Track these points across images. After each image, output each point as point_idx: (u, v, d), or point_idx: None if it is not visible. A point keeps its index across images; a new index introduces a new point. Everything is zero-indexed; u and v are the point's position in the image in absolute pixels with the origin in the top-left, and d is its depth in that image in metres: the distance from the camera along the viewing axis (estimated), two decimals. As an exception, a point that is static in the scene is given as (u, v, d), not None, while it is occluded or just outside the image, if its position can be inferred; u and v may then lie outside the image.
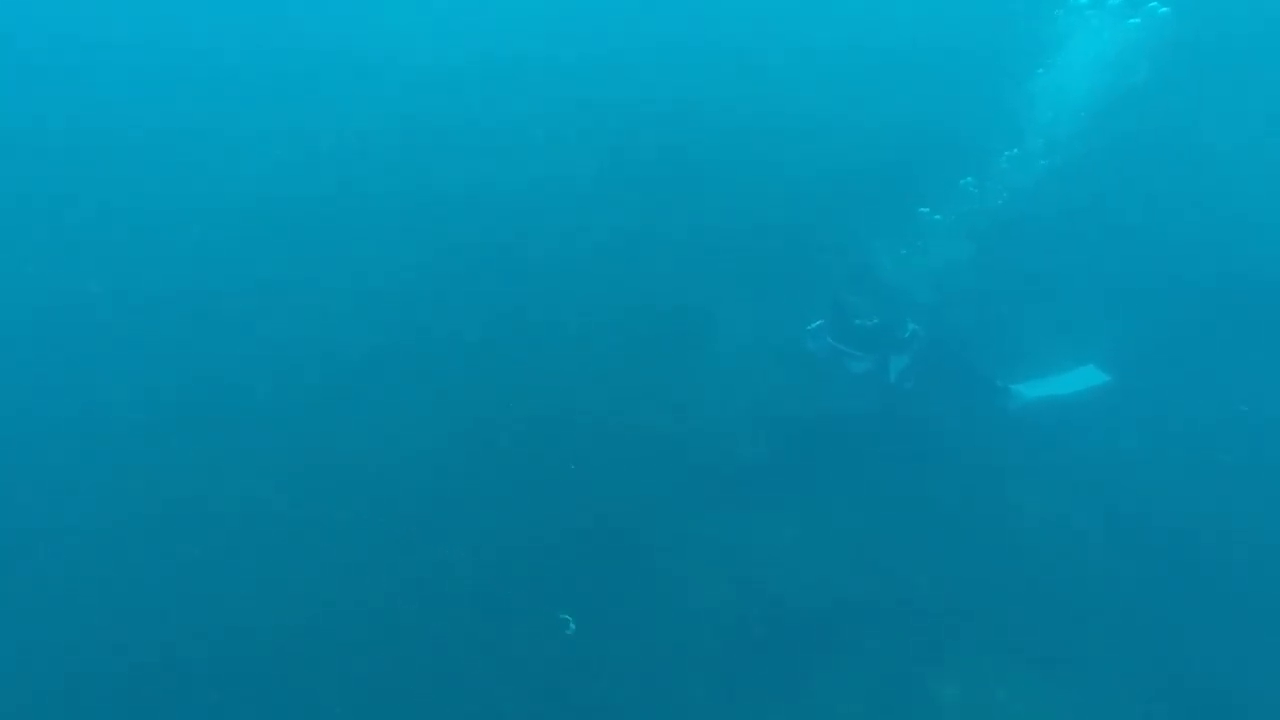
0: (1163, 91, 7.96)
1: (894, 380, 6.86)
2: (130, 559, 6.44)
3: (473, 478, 6.84)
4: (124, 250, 9.43)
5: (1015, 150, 7.34)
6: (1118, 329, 7.54)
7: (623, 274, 8.53)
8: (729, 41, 12.16)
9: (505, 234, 9.14)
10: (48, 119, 11.12)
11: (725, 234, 8.96)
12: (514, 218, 9.37)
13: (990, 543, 6.31)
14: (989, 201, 7.25)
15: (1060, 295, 8.00)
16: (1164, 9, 7.40)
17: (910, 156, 9.43)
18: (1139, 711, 5.36)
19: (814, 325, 7.06)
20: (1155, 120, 9.48)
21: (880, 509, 6.60)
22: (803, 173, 9.72)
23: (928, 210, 7.23)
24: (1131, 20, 7.43)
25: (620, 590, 6.10)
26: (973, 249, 6.78)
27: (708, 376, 7.55)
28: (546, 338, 7.97)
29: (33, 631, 6.04)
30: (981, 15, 10.81)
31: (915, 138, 9.93)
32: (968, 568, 6.15)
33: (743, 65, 11.76)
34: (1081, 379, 7.09)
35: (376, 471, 6.93)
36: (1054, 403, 6.95)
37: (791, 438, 7.10)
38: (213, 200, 10.10)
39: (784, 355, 7.55)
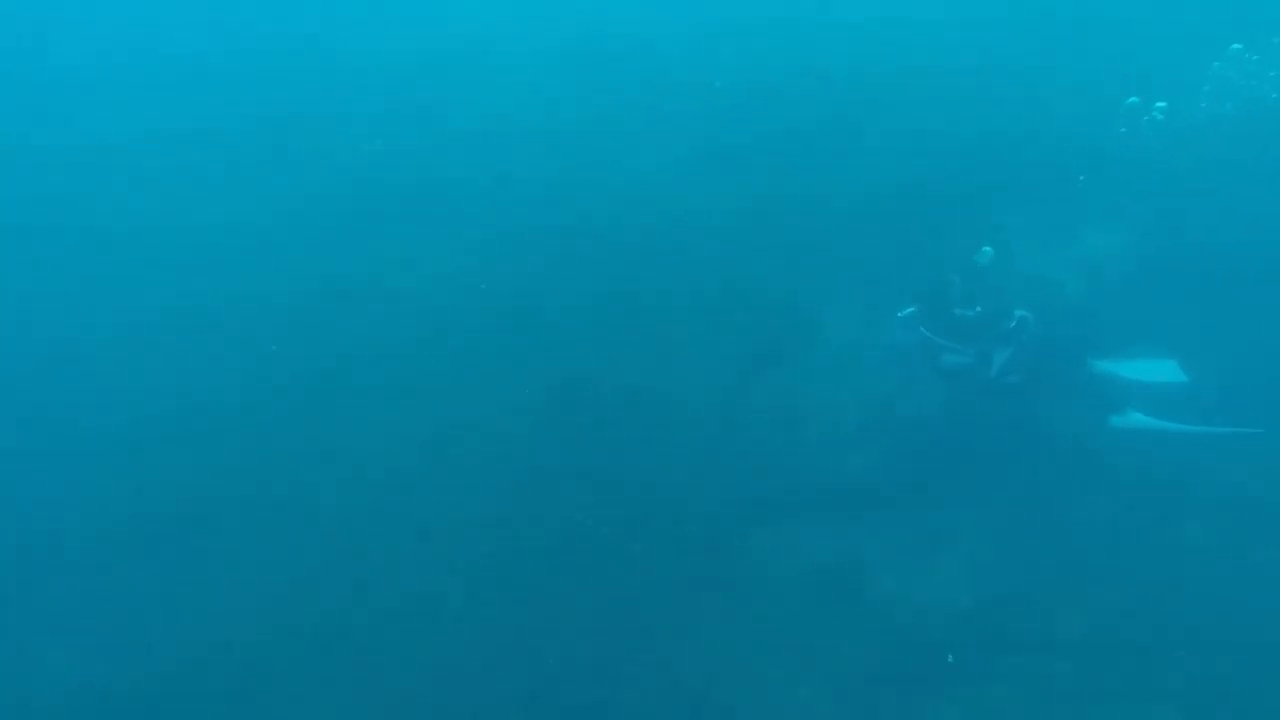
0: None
1: (995, 374, 6.11)
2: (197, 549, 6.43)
3: (559, 478, 6.53)
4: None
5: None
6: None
7: (724, 260, 8.01)
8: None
9: (600, 219, 8.70)
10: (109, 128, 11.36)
11: (837, 212, 8.18)
12: (608, 202, 8.92)
13: (1144, 567, 5.45)
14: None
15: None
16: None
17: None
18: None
19: (905, 313, 6.37)
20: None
21: (1006, 523, 5.86)
22: (937, 140, 8.67)
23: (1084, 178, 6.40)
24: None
25: (721, 605, 5.58)
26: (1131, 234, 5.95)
27: (813, 374, 6.95)
28: (643, 329, 7.55)
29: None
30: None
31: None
32: (1118, 595, 5.32)
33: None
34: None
35: (468, 455, 6.77)
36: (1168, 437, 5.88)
37: (902, 443, 6.43)
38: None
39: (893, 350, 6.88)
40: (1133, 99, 6.64)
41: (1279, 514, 5.51)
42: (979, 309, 6.17)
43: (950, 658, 5.21)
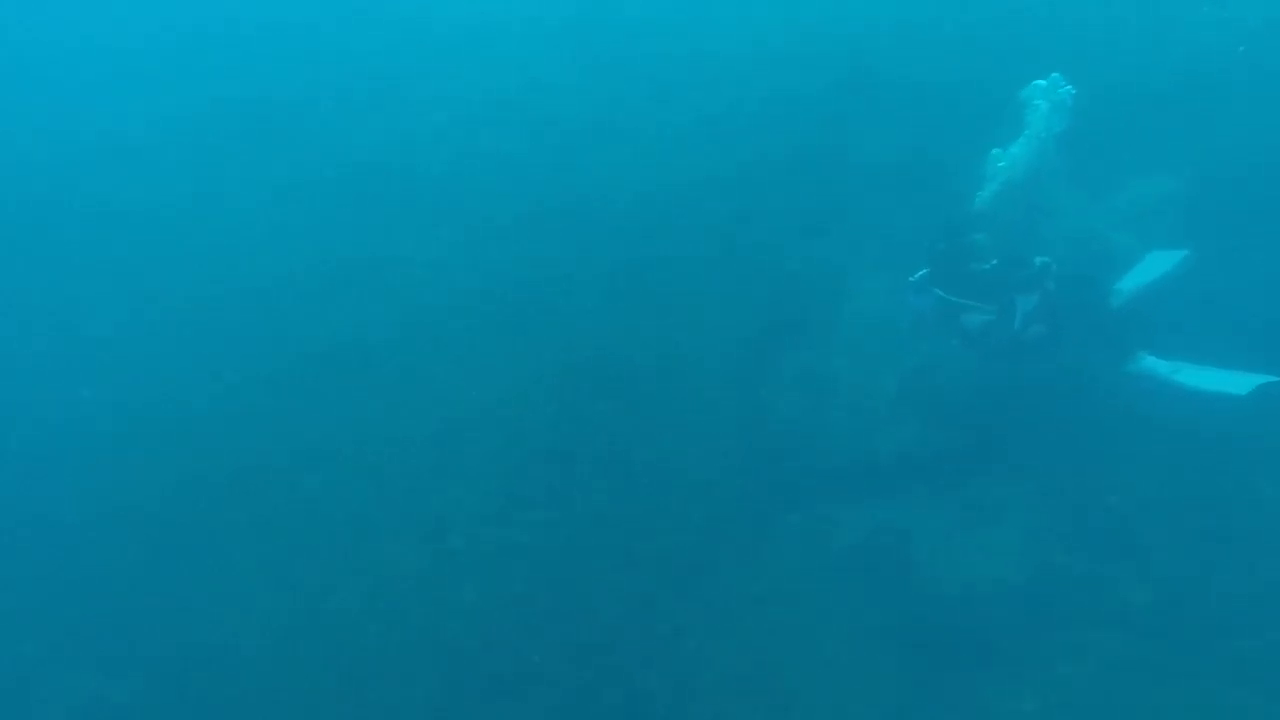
0: None
1: (1020, 327, 5.64)
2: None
3: (578, 461, 6.28)
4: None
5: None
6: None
7: (740, 230, 7.64)
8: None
9: (609, 194, 8.38)
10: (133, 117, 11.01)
11: (857, 174, 7.76)
12: (617, 176, 8.57)
13: (1206, 530, 5.12)
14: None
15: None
16: None
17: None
18: None
19: (917, 276, 5.93)
20: None
21: (1052, 490, 5.52)
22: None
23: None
24: None
25: (756, 590, 5.27)
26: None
27: (839, 345, 6.61)
28: (653, 305, 7.22)
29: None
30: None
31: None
32: (1181, 563, 4.99)
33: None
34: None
35: (483, 440, 6.55)
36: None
37: (935, 413, 6.11)
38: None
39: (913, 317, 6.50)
40: None
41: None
42: (994, 261, 5.74)
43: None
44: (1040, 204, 6.72)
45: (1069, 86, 6.37)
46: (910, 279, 5.95)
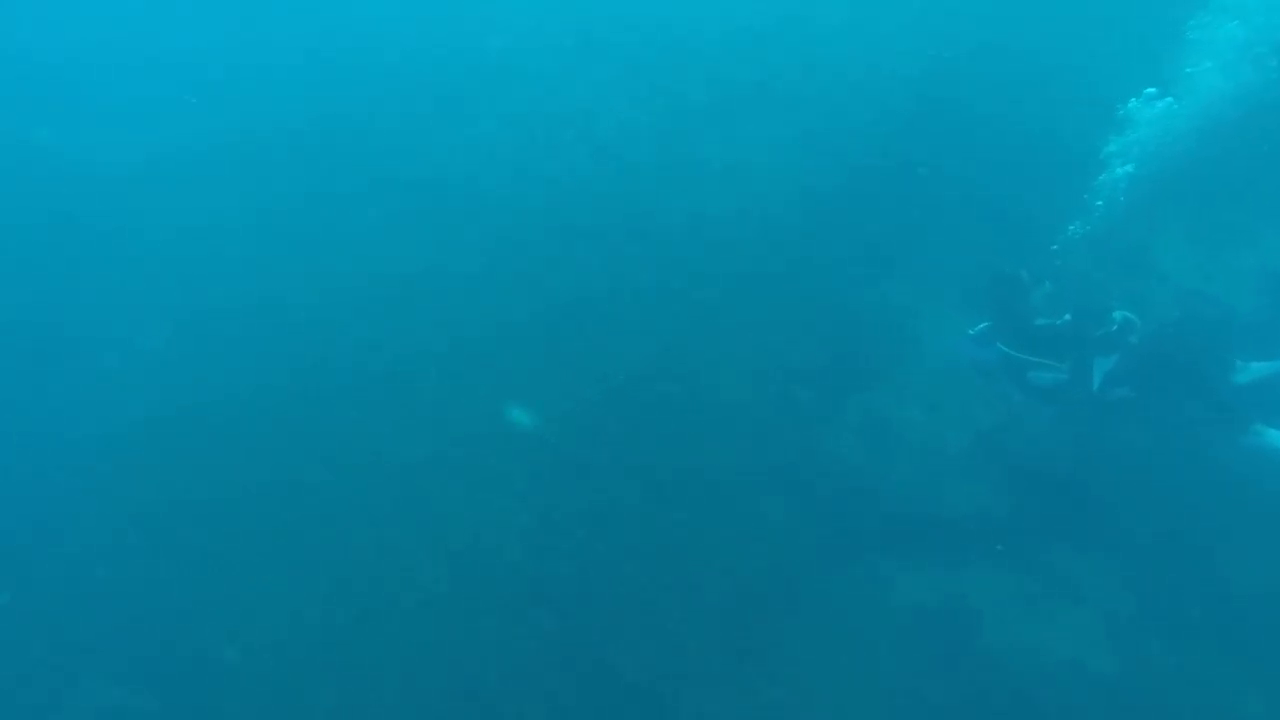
0: None
1: (1099, 389, 5.14)
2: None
3: (614, 495, 5.85)
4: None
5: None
6: None
7: (805, 263, 7.18)
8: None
9: (668, 219, 7.96)
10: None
11: (935, 205, 7.24)
12: (675, 201, 8.14)
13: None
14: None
15: None
16: None
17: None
18: None
19: (977, 329, 5.53)
20: None
21: (1147, 569, 4.98)
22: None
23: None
24: None
25: (794, 648, 4.76)
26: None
27: (908, 392, 6.11)
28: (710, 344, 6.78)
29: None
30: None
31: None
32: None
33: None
34: None
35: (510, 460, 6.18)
36: None
37: (1013, 472, 5.56)
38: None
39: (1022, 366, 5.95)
40: None
41: None
42: (1068, 316, 5.27)
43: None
44: (1143, 255, 6.16)
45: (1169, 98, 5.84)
46: (970, 331, 5.53)
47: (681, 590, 5.32)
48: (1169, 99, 6.04)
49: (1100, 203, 5.92)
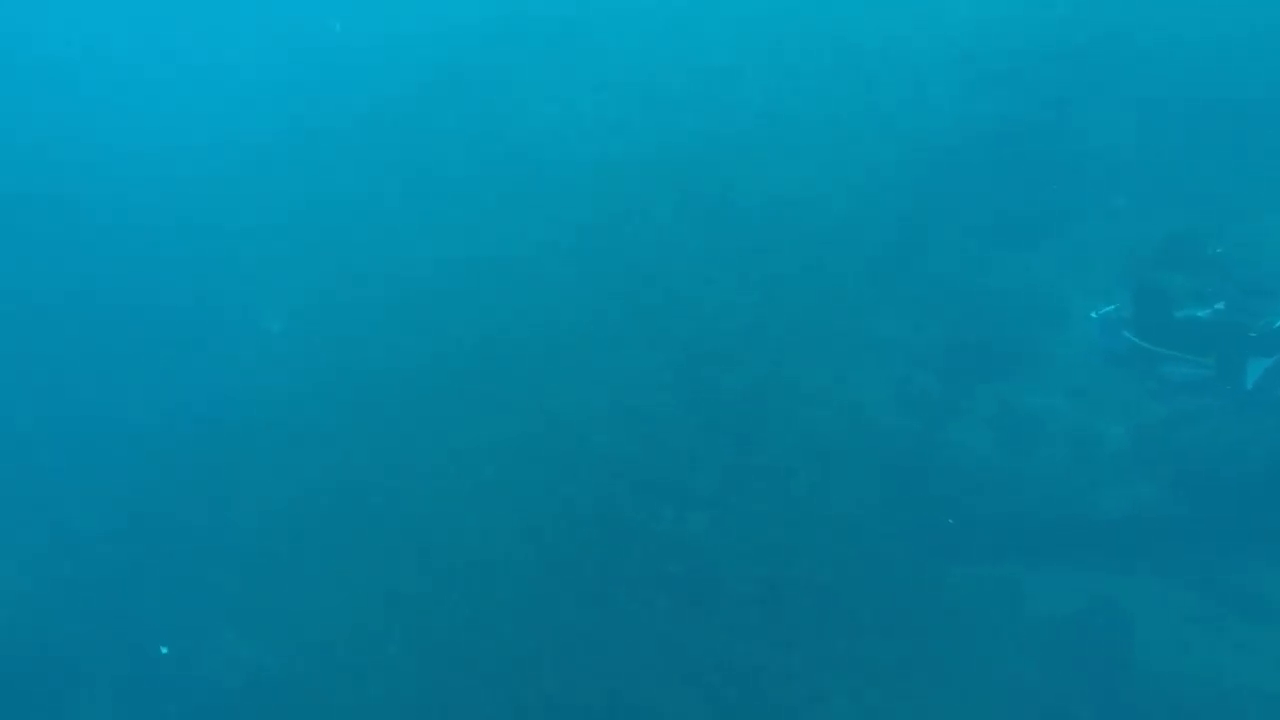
0: None
1: (1253, 389, 4.68)
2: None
3: (700, 484, 5.50)
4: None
5: None
6: None
7: (927, 227, 6.60)
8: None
9: (773, 193, 7.50)
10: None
11: (1083, 175, 6.49)
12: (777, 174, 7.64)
13: None
14: None
15: None
16: None
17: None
18: None
19: (1102, 312, 5.03)
20: None
21: None
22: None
23: None
24: None
25: (907, 657, 4.48)
26: None
27: (1050, 380, 5.50)
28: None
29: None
30: None
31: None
32: None
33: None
34: None
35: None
36: None
37: (1178, 474, 4.95)
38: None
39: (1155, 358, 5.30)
40: None
41: None
42: (1220, 306, 4.72)
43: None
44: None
45: None
46: (1093, 314, 5.05)
47: (795, 593, 4.96)
48: None
49: None
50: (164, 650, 5.63)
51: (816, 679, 4.57)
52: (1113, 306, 5.00)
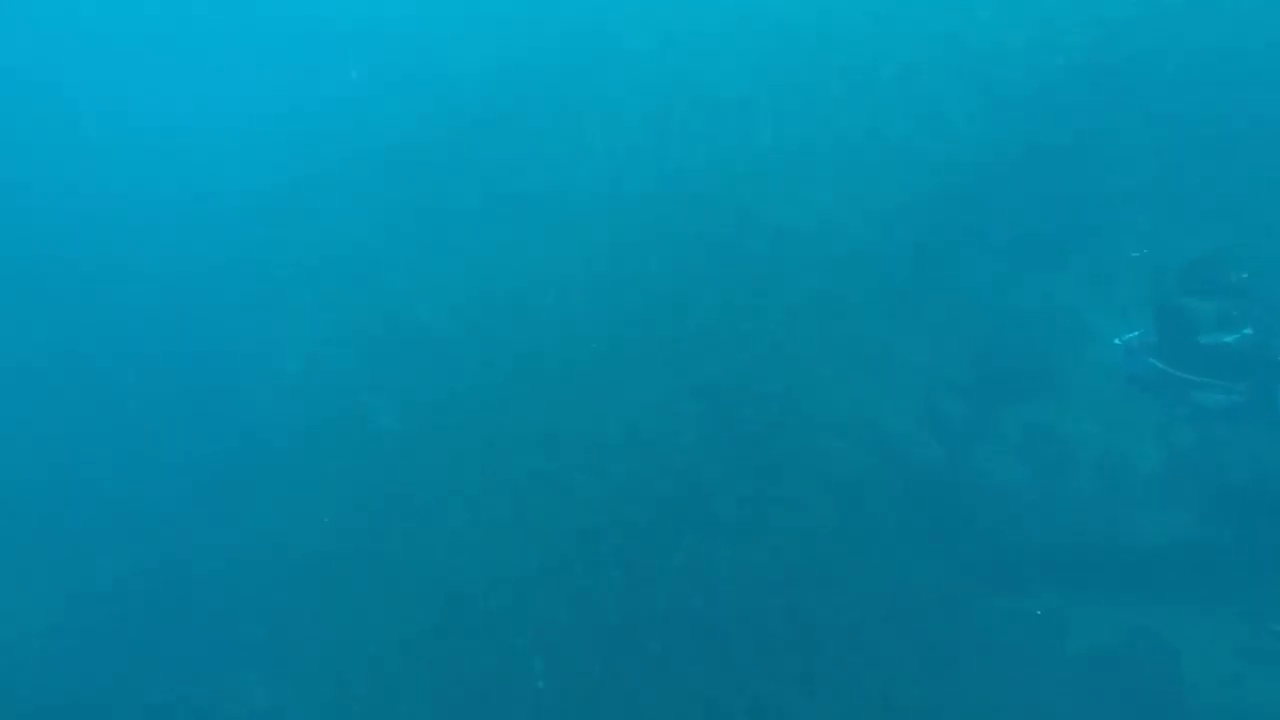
0: None
1: None
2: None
3: (721, 508, 5.41)
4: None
5: None
6: None
7: (951, 248, 6.48)
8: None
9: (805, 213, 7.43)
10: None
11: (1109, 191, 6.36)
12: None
13: None
14: None
15: None
16: None
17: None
18: None
19: (1127, 338, 4.79)
20: None
21: None
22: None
23: None
24: None
25: (944, 696, 4.32)
26: None
27: (1079, 403, 5.35)
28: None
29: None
30: None
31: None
32: None
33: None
34: None
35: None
36: None
37: (1220, 502, 4.77)
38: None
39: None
40: None
41: None
42: (1248, 331, 4.47)
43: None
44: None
45: None
46: (1116, 340, 4.82)
47: (822, 629, 4.81)
48: None
49: None
50: None
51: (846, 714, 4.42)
52: (1136, 333, 4.78)
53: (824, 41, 9.08)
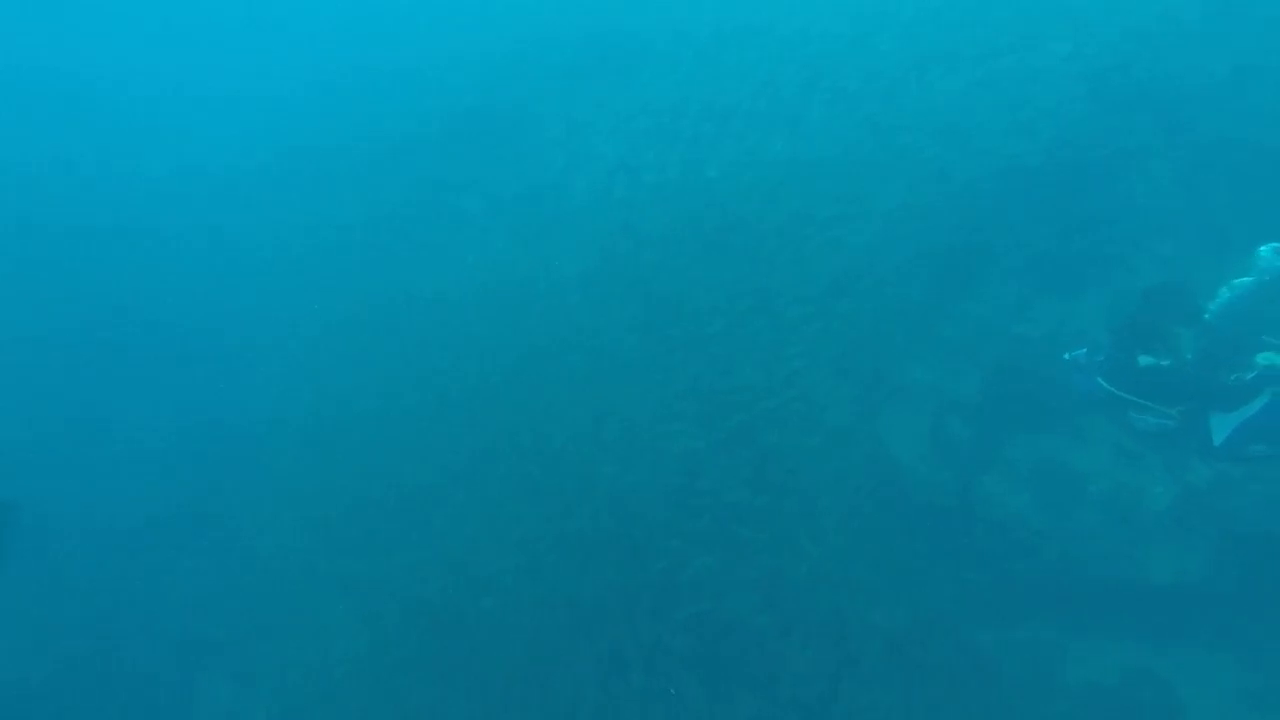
0: None
1: (1223, 444, 4.37)
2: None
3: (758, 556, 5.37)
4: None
5: None
6: None
7: (960, 275, 6.41)
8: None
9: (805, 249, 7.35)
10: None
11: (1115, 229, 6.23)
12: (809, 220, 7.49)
13: None
14: None
15: None
16: None
17: None
18: None
19: (1074, 355, 4.85)
20: None
21: None
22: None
23: None
24: None
25: None
26: None
27: (1091, 436, 5.32)
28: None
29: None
30: None
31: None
32: None
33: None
34: None
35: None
36: None
37: (1224, 542, 4.75)
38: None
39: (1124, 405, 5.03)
40: None
41: None
42: (1189, 358, 4.45)
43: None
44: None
45: None
46: (1066, 356, 4.88)
47: (818, 646, 4.80)
48: None
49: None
50: None
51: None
52: (1084, 350, 4.81)
53: (846, 55, 9.04)
